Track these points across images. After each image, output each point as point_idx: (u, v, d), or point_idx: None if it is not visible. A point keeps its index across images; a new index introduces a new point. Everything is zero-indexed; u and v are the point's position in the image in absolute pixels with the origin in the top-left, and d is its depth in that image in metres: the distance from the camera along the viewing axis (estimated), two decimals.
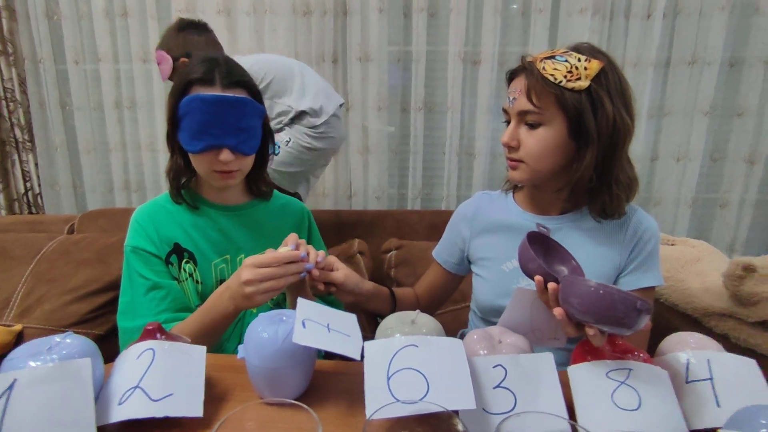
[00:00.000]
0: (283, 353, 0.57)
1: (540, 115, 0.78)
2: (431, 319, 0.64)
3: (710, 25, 1.94)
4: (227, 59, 0.88)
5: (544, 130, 0.79)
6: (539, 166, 0.81)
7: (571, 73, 0.75)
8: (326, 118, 1.61)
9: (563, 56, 0.77)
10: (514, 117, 0.82)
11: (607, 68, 0.77)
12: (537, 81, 0.77)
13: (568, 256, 0.76)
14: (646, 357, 0.58)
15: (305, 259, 0.75)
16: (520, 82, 0.80)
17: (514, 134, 0.82)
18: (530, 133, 0.80)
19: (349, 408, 0.61)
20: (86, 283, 1.31)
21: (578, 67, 0.76)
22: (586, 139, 0.78)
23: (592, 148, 0.78)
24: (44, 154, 2.25)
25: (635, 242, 0.85)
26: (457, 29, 1.99)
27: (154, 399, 0.52)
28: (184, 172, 0.91)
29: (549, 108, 0.77)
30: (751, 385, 0.54)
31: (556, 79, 0.75)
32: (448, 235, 1.03)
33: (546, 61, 0.77)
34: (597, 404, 0.53)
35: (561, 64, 0.76)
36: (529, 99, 0.78)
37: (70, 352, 0.52)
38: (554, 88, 0.76)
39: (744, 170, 2.08)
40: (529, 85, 0.78)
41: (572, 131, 0.78)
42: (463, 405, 0.51)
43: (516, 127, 0.82)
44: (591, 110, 0.76)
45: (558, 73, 0.75)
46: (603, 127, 0.76)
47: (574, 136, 0.79)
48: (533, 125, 0.80)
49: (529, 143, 0.81)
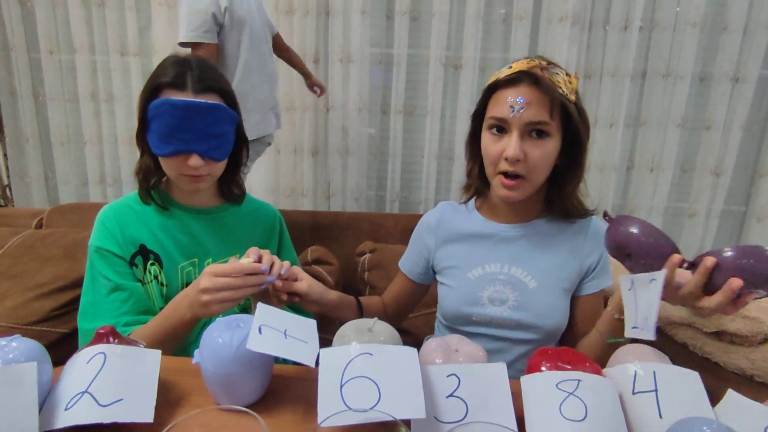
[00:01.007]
0: (238, 359, 0.57)
1: (549, 127, 0.77)
2: (389, 327, 0.65)
3: (683, 40, 1.99)
4: (201, 62, 0.85)
5: (551, 142, 0.78)
6: (538, 179, 0.80)
7: (566, 85, 0.77)
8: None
9: (554, 68, 0.78)
10: (518, 128, 0.76)
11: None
12: (549, 92, 0.75)
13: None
14: (596, 368, 0.59)
15: (266, 272, 0.74)
16: (528, 92, 0.76)
17: (523, 147, 0.76)
18: (536, 146, 0.77)
19: (305, 414, 0.61)
20: (52, 280, 1.28)
21: (566, 81, 0.77)
22: (578, 149, 0.80)
23: (583, 157, 0.81)
24: (14, 144, 2.20)
25: (595, 250, 0.87)
26: (439, 33, 2.01)
27: (103, 404, 0.52)
28: (154, 173, 0.89)
29: (557, 119, 0.77)
30: (692, 397, 0.56)
31: (563, 91, 0.76)
32: (413, 246, 1.02)
33: (546, 71, 0.77)
34: (545, 415, 0.54)
35: (557, 76, 0.77)
36: (546, 111, 0.75)
37: (15, 356, 0.51)
38: (563, 99, 0.76)
39: (711, 181, 2.15)
40: (544, 96, 0.75)
41: (566, 142, 0.80)
42: (413, 414, 0.51)
43: (521, 139, 0.77)
44: (582, 123, 0.79)
45: (562, 84, 0.76)
46: (586, 138, 0.80)
47: (565, 147, 0.80)
48: (540, 137, 0.77)
49: (535, 156, 0.77)
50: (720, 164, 2.13)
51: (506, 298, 0.86)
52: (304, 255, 1.50)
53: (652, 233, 0.63)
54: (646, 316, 0.61)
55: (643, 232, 0.63)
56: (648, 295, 0.62)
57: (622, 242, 0.65)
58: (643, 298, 0.63)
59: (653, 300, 0.60)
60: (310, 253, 1.50)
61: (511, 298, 0.86)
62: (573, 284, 0.87)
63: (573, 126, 0.78)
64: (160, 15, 2.03)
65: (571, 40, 1.99)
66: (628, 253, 0.65)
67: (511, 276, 0.87)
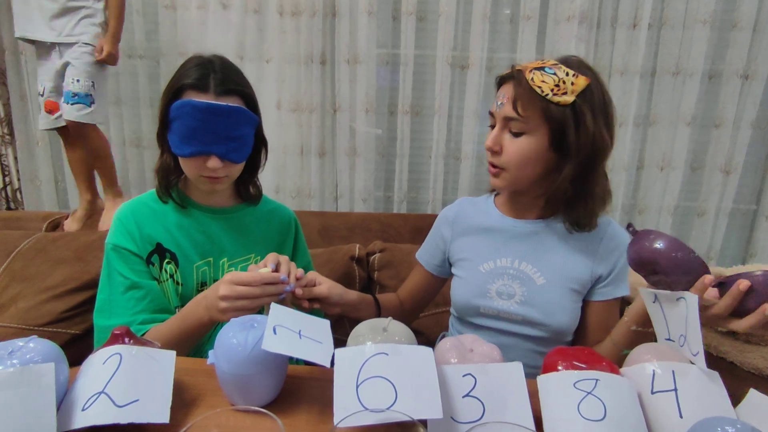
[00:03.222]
0: (253, 360, 0.57)
1: (524, 125, 0.79)
2: (403, 327, 0.64)
3: (693, 38, 1.97)
4: (224, 64, 0.85)
5: (527, 140, 0.80)
6: (519, 173, 0.83)
7: (558, 86, 0.76)
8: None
9: (552, 68, 0.78)
10: (500, 122, 0.83)
11: (593, 85, 0.78)
12: (524, 91, 0.77)
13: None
14: (613, 368, 0.59)
15: (285, 281, 0.75)
16: (508, 89, 0.81)
17: (498, 139, 0.83)
18: (513, 141, 0.81)
19: (320, 415, 0.61)
20: (63, 282, 1.29)
21: (565, 82, 0.77)
22: (566, 152, 0.79)
23: (571, 162, 0.79)
24: (24, 147, 2.21)
25: (611, 256, 0.86)
26: (446, 34, 2.00)
27: (119, 405, 0.52)
28: (174, 172, 0.89)
29: (533, 118, 0.78)
30: (713, 397, 0.55)
31: (542, 92, 0.76)
32: (430, 238, 1.04)
33: (535, 71, 0.78)
34: (563, 414, 0.54)
35: (549, 76, 0.77)
36: (514, 108, 0.79)
37: (33, 356, 0.52)
38: (540, 100, 0.76)
39: (720, 180, 2.13)
40: (516, 94, 0.79)
41: (554, 143, 0.79)
42: (430, 414, 0.51)
43: (500, 133, 0.83)
44: (573, 125, 0.77)
45: (545, 85, 0.76)
46: (583, 142, 0.78)
47: (554, 148, 0.80)
48: (517, 134, 0.81)
49: (510, 150, 0.82)
50: (730, 162, 2.10)
51: (513, 293, 0.87)
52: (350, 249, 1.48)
53: (680, 249, 0.61)
54: (681, 333, 0.60)
55: (671, 248, 0.61)
56: (678, 313, 0.60)
57: (648, 257, 0.62)
58: (674, 315, 0.61)
59: (692, 326, 0.57)
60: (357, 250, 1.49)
61: (519, 293, 0.86)
62: (584, 287, 0.86)
63: (558, 129, 0.77)
64: (166, 18, 2.04)
65: (579, 39, 1.97)
66: (654, 269, 0.63)
67: (520, 271, 0.87)
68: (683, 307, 0.59)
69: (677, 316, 0.60)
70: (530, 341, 0.88)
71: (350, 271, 1.43)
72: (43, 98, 1.76)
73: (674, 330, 0.61)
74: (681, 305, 0.60)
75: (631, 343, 0.72)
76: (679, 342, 0.60)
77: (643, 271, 0.64)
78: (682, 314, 0.59)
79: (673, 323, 0.61)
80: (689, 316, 0.58)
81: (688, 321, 0.58)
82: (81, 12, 1.69)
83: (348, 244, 1.52)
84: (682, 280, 0.61)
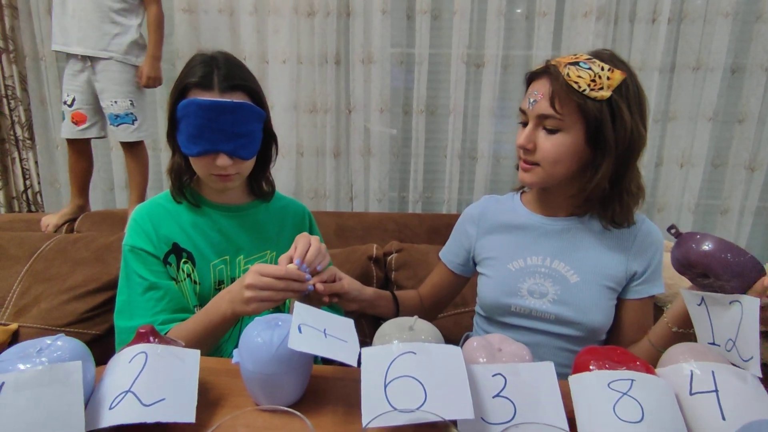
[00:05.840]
0: (278, 359, 0.56)
1: (560, 121, 0.77)
2: (430, 326, 0.63)
3: (714, 31, 1.93)
4: (228, 60, 0.85)
5: (562, 136, 0.78)
6: (554, 170, 0.81)
7: (594, 81, 0.75)
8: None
9: (587, 63, 0.76)
10: (533, 119, 0.80)
11: (628, 79, 0.77)
12: (561, 87, 0.76)
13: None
14: (648, 368, 0.57)
15: (309, 280, 0.75)
16: (543, 85, 0.79)
17: (531, 137, 0.81)
18: (548, 138, 0.79)
19: (346, 415, 0.60)
20: (84, 283, 1.30)
21: (601, 76, 0.75)
22: (603, 148, 0.77)
23: (609, 158, 0.77)
24: (44, 152, 2.25)
25: (646, 253, 0.85)
26: (461, 32, 1.99)
27: (146, 404, 0.51)
28: (186, 171, 0.90)
29: (570, 115, 0.77)
30: (757, 399, 0.53)
31: (579, 87, 0.74)
32: (454, 236, 1.03)
33: (570, 67, 0.76)
34: (598, 416, 0.52)
35: (585, 71, 0.75)
36: (552, 104, 0.77)
37: (60, 355, 0.52)
38: (577, 96, 0.75)
39: (744, 177, 2.07)
40: (553, 90, 0.77)
41: (590, 139, 0.78)
42: (461, 414, 0.50)
43: (533, 130, 0.81)
44: (611, 120, 0.76)
45: (582, 81, 0.75)
46: (621, 137, 0.76)
47: (591, 145, 0.78)
48: (552, 130, 0.79)
49: (545, 147, 0.80)
50: (754, 159, 2.05)
51: (546, 292, 0.85)
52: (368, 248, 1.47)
53: (730, 250, 0.59)
54: (729, 338, 0.57)
55: (721, 249, 0.59)
56: (727, 316, 0.58)
57: (696, 260, 0.60)
58: (722, 318, 0.59)
59: (748, 330, 0.55)
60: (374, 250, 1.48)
61: (552, 292, 0.84)
62: (618, 284, 0.85)
63: (595, 124, 0.76)
64: (182, 21, 2.06)
65: (596, 35, 1.94)
66: (703, 271, 0.60)
67: (552, 269, 0.85)
68: (735, 310, 0.57)
69: (726, 319, 0.58)
70: (562, 340, 0.86)
71: (368, 271, 1.42)
72: (71, 109, 1.77)
73: (721, 334, 0.59)
74: (732, 308, 0.58)
75: (670, 345, 0.69)
76: (725, 346, 0.58)
77: (690, 274, 0.62)
78: (733, 318, 0.57)
79: (720, 327, 0.59)
80: (745, 319, 0.55)
81: (743, 324, 0.56)
82: (116, 28, 1.70)
83: (365, 245, 1.51)
84: (735, 283, 0.59)
